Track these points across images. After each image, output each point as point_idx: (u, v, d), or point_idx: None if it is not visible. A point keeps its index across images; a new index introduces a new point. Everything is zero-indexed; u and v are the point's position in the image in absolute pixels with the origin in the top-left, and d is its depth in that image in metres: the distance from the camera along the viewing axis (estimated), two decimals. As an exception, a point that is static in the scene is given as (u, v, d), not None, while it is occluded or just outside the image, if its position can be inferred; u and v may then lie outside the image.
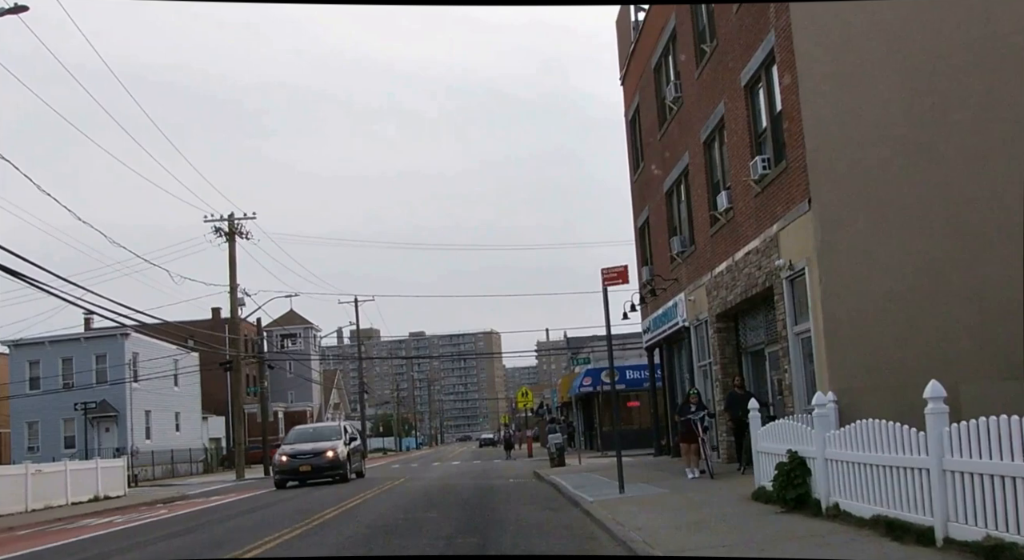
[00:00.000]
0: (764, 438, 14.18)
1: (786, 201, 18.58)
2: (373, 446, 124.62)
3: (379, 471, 41.03)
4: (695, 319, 26.70)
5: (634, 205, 35.52)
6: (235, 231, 53.15)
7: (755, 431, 14.58)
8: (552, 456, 33.56)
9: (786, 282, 18.80)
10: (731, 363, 24.15)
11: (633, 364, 53.09)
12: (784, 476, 12.24)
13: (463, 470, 39.44)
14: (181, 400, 67.58)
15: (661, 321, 31.49)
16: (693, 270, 26.67)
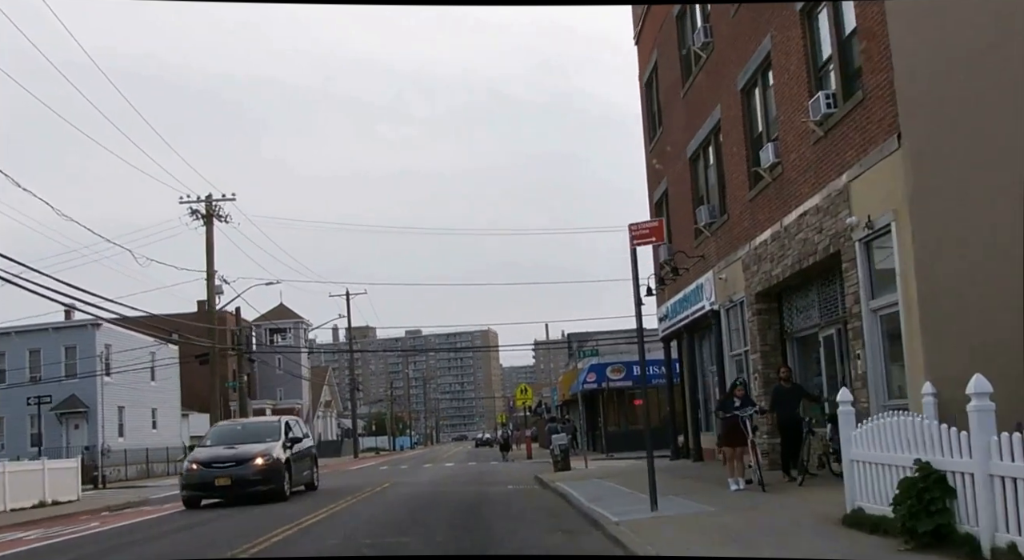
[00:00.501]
0: (862, 442, 10.33)
1: (861, 142, 14.74)
2: (366, 445, 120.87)
3: (359, 476, 37.04)
4: (727, 301, 22.86)
5: (649, 178, 31.68)
6: (213, 213, 49.26)
7: (847, 432, 10.71)
8: (556, 459, 29.75)
9: (860, 245, 14.96)
10: (773, 351, 20.32)
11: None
12: (914, 498, 8.39)
13: (456, 474, 35.58)
14: (159, 396, 63.66)
15: (682, 306, 27.65)
16: (725, 243, 22.82)
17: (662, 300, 30.52)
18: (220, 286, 50.18)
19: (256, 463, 23.14)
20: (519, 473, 33.28)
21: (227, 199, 49.88)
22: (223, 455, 23.65)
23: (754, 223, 20.36)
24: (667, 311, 29.72)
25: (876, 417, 10.54)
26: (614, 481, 21.56)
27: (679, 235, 27.30)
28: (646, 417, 16.47)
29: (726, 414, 16.43)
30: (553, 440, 30.35)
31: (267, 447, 23.73)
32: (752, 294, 20.59)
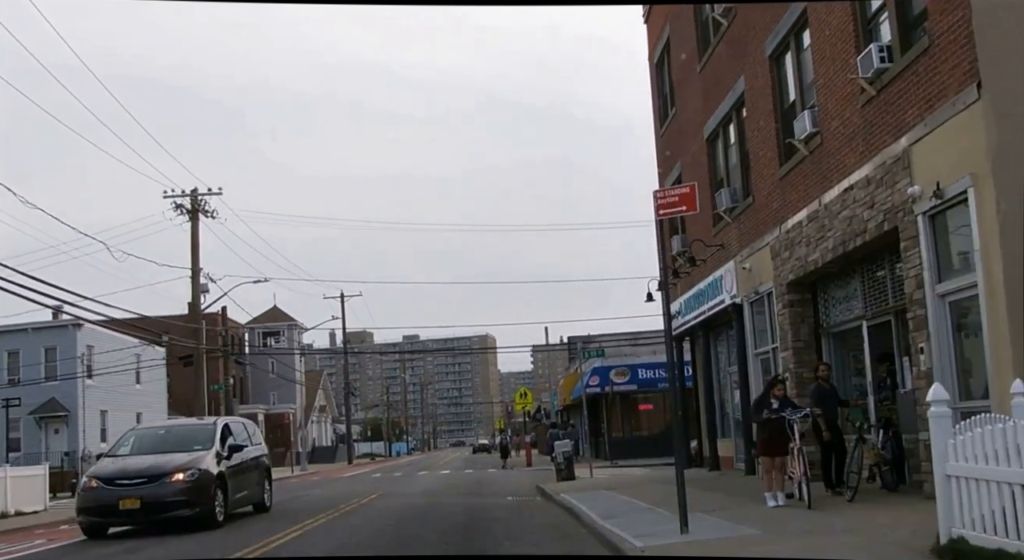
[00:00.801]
0: (966, 453, 8.07)
1: (925, 98, 12.51)
2: (361, 451, 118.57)
3: (347, 485, 34.74)
4: (751, 293, 20.60)
5: (660, 164, 29.43)
6: (198, 208, 47.00)
7: (942, 440, 8.42)
8: (559, 467, 27.47)
9: (924, 219, 12.71)
10: (807, 348, 18.05)
11: (646, 361, 46.99)
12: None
13: (452, 482, 33.29)
14: (144, 399, 61.31)
15: (696, 302, 25.40)
16: (749, 229, 20.58)
17: (674, 296, 28.25)
18: (206, 284, 47.96)
19: (175, 479, 17.41)
20: (519, 482, 31.01)
21: (213, 194, 47.67)
22: (132, 468, 17.99)
23: (785, 204, 18.12)
24: (680, 307, 27.46)
25: (977, 421, 8.28)
26: (626, 493, 19.29)
27: (695, 223, 25.04)
28: (677, 420, 13.98)
29: (772, 414, 14.00)
30: (556, 447, 28.09)
31: (192, 458, 17.97)
32: (783, 284, 18.33)
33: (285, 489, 33.08)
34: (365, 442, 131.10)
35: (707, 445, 27.55)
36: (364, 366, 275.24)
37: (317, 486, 34.82)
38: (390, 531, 14.83)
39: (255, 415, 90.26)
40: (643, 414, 48.12)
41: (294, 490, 31.91)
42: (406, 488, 29.79)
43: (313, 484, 37.97)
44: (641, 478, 26.39)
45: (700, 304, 24.97)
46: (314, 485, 36.48)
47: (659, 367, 46.53)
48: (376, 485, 32.63)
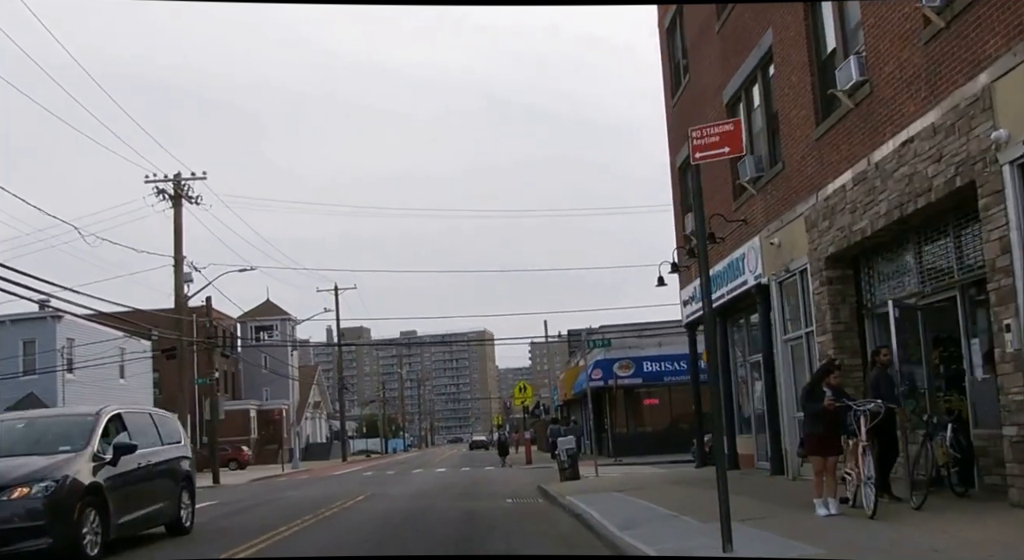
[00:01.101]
0: None
1: (1012, 23, 10.31)
2: (357, 448, 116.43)
3: (333, 485, 32.53)
4: (781, 271, 18.39)
5: (671, 139, 27.24)
6: (181, 193, 44.81)
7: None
8: (562, 466, 25.29)
9: (1011, 170, 10.52)
10: (848, 332, 15.87)
11: (652, 354, 44.81)
12: None
13: (447, 481, 31.08)
14: (129, 395, 58.93)
15: (713, 285, 23.15)
16: (778, 200, 18.37)
17: (687, 280, 26.08)
18: (189, 274, 45.77)
19: (16, 496, 11.93)
20: (519, 482, 28.85)
21: (197, 178, 45.47)
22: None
23: (824, 167, 15.92)
24: (694, 293, 25.26)
25: None
26: (641, 496, 17.09)
27: (713, 198, 22.82)
28: (717, 416, 11.76)
29: (836, 403, 11.61)
30: (559, 444, 25.90)
31: (49, 464, 12.56)
32: (820, 259, 16.13)
33: (262, 491, 30.90)
34: (362, 439, 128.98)
35: (726, 443, 25.37)
36: (361, 362, 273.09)
37: (300, 486, 32.63)
38: (368, 548, 12.56)
39: (247, 411, 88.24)
40: (648, 409, 46.00)
41: (272, 492, 29.71)
42: (397, 488, 27.59)
43: (297, 484, 35.80)
44: (653, 478, 24.22)
45: (717, 287, 22.74)
46: (298, 485, 34.30)
47: (665, 360, 44.40)
48: (365, 485, 30.43)
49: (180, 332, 43.74)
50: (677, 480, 21.10)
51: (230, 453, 72.49)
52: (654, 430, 45.73)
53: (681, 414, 45.80)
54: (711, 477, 21.11)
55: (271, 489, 32.15)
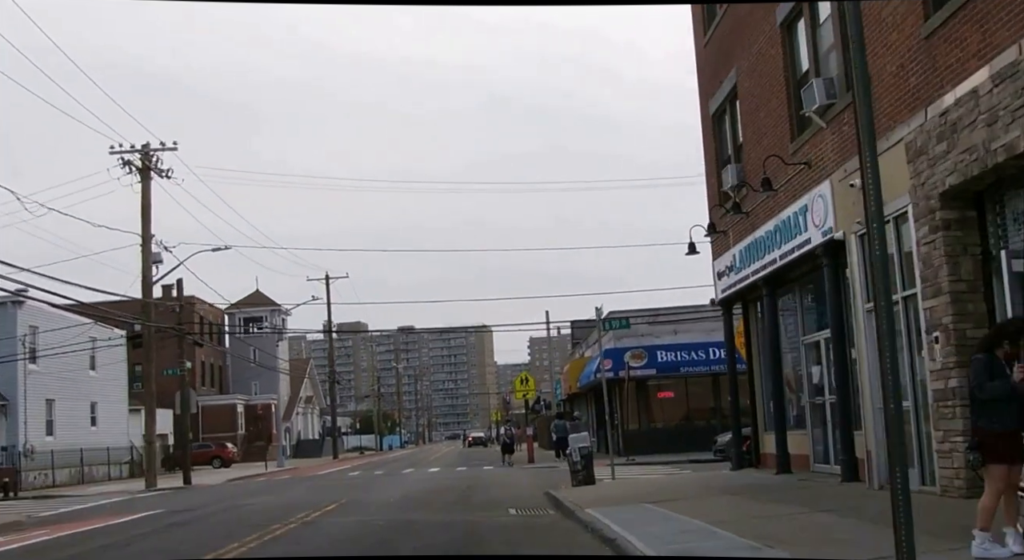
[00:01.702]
0: None
1: None
2: (351, 444, 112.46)
3: (307, 490, 28.44)
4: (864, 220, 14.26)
5: (702, 83, 23.17)
6: (150, 165, 40.72)
7: None
8: (575, 468, 21.20)
9: None
10: (972, 293, 11.78)
11: (666, 343, 40.76)
12: None
13: (439, 484, 27.00)
14: (100, 387, 54.98)
15: (759, 250, 19.10)
16: (860, 129, 14.26)
17: (721, 248, 22.01)
18: (159, 253, 41.69)
19: None
20: (522, 485, 24.81)
21: (167, 148, 41.38)
22: None
23: (937, 73, 11.84)
24: (732, 262, 21.20)
25: None
26: (685, 510, 13.03)
27: (763, 140, 18.76)
28: (890, 413, 7.57)
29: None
30: (571, 442, 21.81)
31: None
32: (931, 196, 12.05)
33: (225, 497, 26.87)
34: (356, 435, 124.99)
35: (763, 440, 21.36)
36: (358, 358, 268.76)
37: (271, 490, 28.57)
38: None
39: (234, 406, 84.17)
40: (662, 403, 41.94)
41: (235, 498, 25.61)
42: (380, 494, 23.50)
43: (272, 486, 31.76)
44: (685, 483, 20.19)
45: (767, 251, 18.69)
46: (271, 488, 30.27)
47: (681, 349, 40.38)
48: (345, 489, 26.37)
49: (147, 317, 39.67)
50: (721, 488, 17.05)
51: (213, 450, 68.47)
52: (667, 426, 41.71)
53: (697, 408, 41.81)
54: (763, 484, 17.07)
55: (237, 494, 28.13)
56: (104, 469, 51.91)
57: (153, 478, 39.14)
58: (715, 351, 40.17)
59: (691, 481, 20.42)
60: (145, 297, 39.78)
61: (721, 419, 41.43)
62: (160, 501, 27.45)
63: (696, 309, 42.21)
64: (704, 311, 42.06)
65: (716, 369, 40.18)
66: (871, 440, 14.28)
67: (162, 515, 20.32)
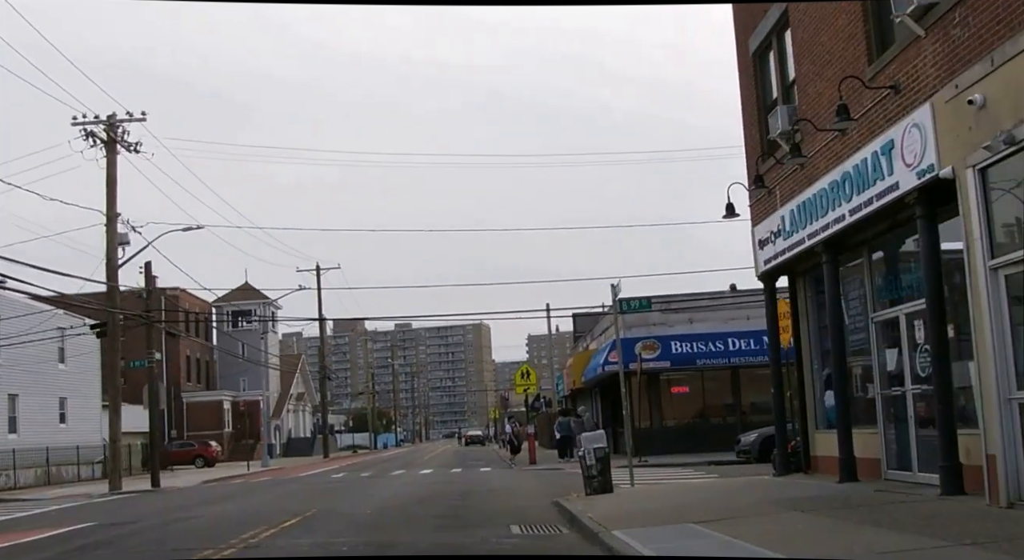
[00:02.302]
0: None
1: None
2: (345, 443, 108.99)
3: (279, 494, 24.95)
4: (988, 148, 10.64)
5: (739, 19, 19.61)
6: (116, 137, 37.18)
7: None
8: (589, 473, 17.64)
9: None
10: None
11: (681, 333, 37.25)
12: None
13: (430, 490, 23.45)
14: (70, 381, 51.35)
15: (823, 204, 15.51)
16: (981, 30, 10.69)
17: (765, 211, 18.44)
18: (126, 234, 38.15)
19: None
20: (526, 491, 21.31)
21: (134, 119, 37.79)
22: None
23: None
24: (779, 226, 17.64)
25: None
26: (754, 537, 9.51)
27: (820, 77, 15.20)
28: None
29: None
30: (583, 442, 18.22)
31: None
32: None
33: (187, 503, 23.36)
34: (351, 433, 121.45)
35: (815, 441, 17.85)
36: (355, 356, 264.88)
37: (241, 495, 25.03)
38: None
39: (220, 402, 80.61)
40: (675, 399, 38.38)
41: (194, 506, 22.05)
42: (358, 502, 19.92)
43: (246, 490, 28.26)
44: (725, 492, 16.65)
45: (827, 209, 15.15)
46: (243, 492, 26.76)
47: (698, 339, 36.83)
48: (320, 495, 22.83)
49: (112, 303, 36.09)
50: (780, 501, 13.51)
51: (196, 449, 65.00)
52: (680, 424, 38.16)
53: (715, 405, 38.29)
54: (831, 495, 13.44)
55: (199, 500, 24.60)
56: (73, 469, 48.32)
57: (118, 480, 35.64)
58: (734, 342, 36.67)
59: (732, 490, 16.88)
60: (110, 280, 36.22)
61: (740, 416, 38.10)
62: (111, 508, 24.00)
63: (713, 296, 38.67)
64: (723, 298, 38.57)
65: (736, 362, 36.67)
66: (993, 442, 10.74)
67: (91, 529, 16.78)
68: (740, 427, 36.80)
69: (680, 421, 38.22)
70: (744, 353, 36.47)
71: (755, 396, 38.55)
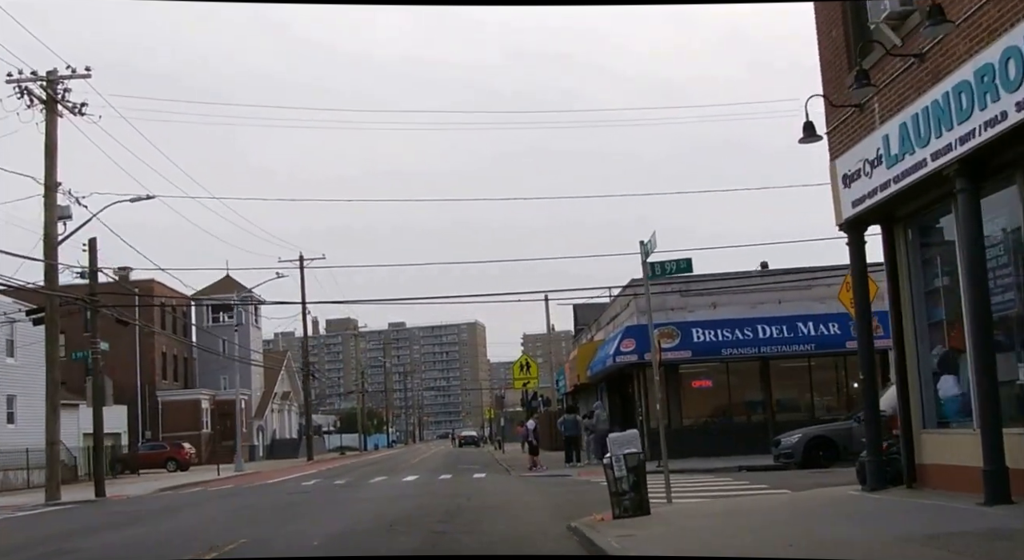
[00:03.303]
0: None
1: None
2: (334, 444, 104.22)
3: (226, 508, 20.18)
4: None
5: None
6: (56, 96, 32.43)
7: None
8: (619, 489, 12.93)
9: None
10: None
11: (704, 319, 32.54)
12: None
13: (408, 506, 18.61)
14: (21, 378, 46.46)
15: (967, 103, 10.79)
16: None
17: (854, 136, 13.71)
18: (68, 207, 33.37)
19: None
20: (530, 506, 16.60)
21: (77, 76, 32.98)
22: None
23: None
24: (879, 152, 12.88)
25: None
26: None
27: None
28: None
29: None
30: (610, 445, 13.45)
31: None
32: None
33: (101, 521, 18.56)
34: (340, 434, 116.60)
35: (921, 444, 13.14)
36: (349, 354, 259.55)
37: (163, 514, 20.09)
38: None
39: (197, 401, 75.74)
40: (697, 395, 33.55)
41: (83, 531, 17.12)
42: (304, 529, 15.02)
43: (182, 503, 23.53)
44: (812, 515, 11.91)
45: (973, 108, 10.44)
46: (174, 507, 22.03)
47: (723, 326, 32.08)
48: (268, 513, 18.05)
49: (51, 284, 31.30)
50: (907, 538, 8.80)
51: (168, 451, 60.15)
52: (701, 422, 33.40)
53: (741, 402, 33.61)
54: (993, 529, 8.68)
55: (125, 517, 19.88)
56: (22, 474, 43.55)
57: (55, 489, 30.83)
58: (764, 329, 31.96)
59: (819, 512, 12.14)
60: (48, 258, 31.43)
61: (771, 414, 33.37)
62: (17, 527, 19.27)
63: (740, 276, 33.94)
64: (750, 278, 33.85)
65: (766, 352, 31.97)
66: None
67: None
68: (771, 427, 32.17)
69: (700, 419, 33.47)
70: (775, 342, 31.81)
71: (785, 392, 33.90)
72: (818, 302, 32.67)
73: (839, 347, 31.78)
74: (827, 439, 24.92)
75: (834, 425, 25.83)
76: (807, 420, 30.72)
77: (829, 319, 32.07)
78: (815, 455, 24.78)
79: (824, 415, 32.09)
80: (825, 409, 33.15)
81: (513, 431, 76.57)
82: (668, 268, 16.13)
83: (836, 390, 33.92)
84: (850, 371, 33.73)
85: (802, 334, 31.73)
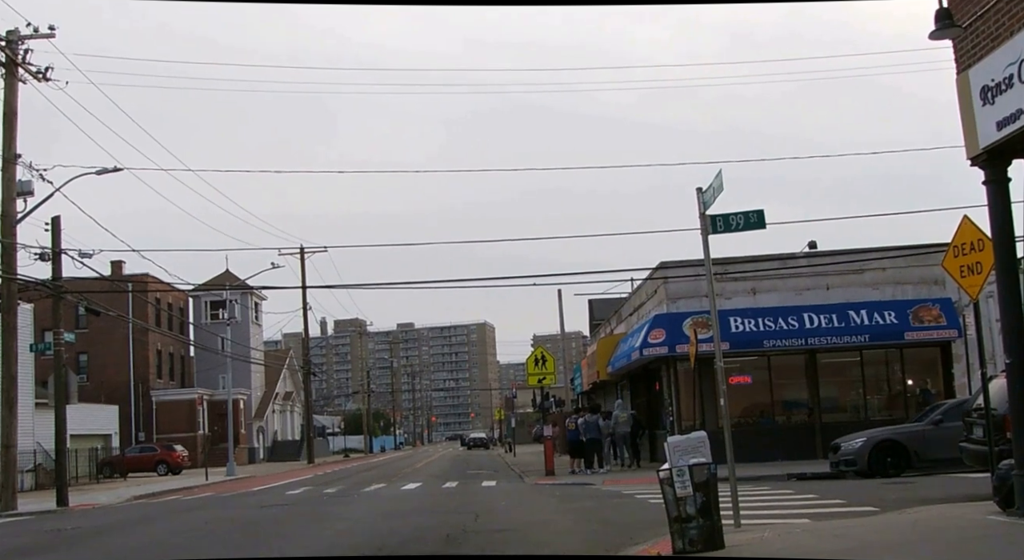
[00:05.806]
0: None
1: None
2: (337, 446, 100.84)
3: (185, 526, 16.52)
4: None
5: None
6: (15, 58, 28.98)
7: None
8: (681, 514, 9.37)
9: None
10: None
11: (742, 307, 28.93)
12: None
13: (399, 526, 14.96)
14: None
15: None
16: None
17: (995, 35, 10.08)
18: (30, 182, 29.90)
19: None
20: (553, 529, 12.98)
21: (40, 35, 29.45)
22: None
23: None
24: (1015, 71, 9.22)
25: None
26: None
27: None
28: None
29: None
30: (670, 451, 9.87)
31: None
32: None
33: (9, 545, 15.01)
34: (345, 435, 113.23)
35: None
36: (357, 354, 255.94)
37: (83, 538, 16.49)
38: None
39: (192, 401, 72.26)
40: (734, 392, 29.62)
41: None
42: (264, 550, 11.48)
43: (138, 517, 19.96)
44: (956, 554, 8.25)
45: None
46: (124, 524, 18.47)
47: (764, 315, 28.37)
48: (227, 535, 14.50)
49: (7, 268, 27.80)
50: None
51: (158, 454, 56.66)
52: (737, 424, 29.58)
53: (783, 401, 29.95)
54: None
55: (56, 535, 16.29)
56: (-7, 479, 39.89)
57: (11, 498, 27.28)
58: (812, 318, 28.27)
59: (967, 551, 8.46)
60: (5, 237, 27.94)
61: (819, 415, 29.56)
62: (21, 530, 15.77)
63: (783, 258, 30.21)
64: (795, 261, 30.16)
65: (814, 344, 28.23)
66: None
67: None
68: (818, 429, 28.52)
69: (739, 420, 29.68)
70: (824, 333, 28.14)
71: (833, 390, 30.25)
72: (871, 288, 29.08)
73: (896, 339, 28.15)
74: (897, 444, 21.26)
75: (904, 428, 22.15)
76: (858, 421, 27.11)
77: (884, 307, 28.45)
78: (882, 462, 21.18)
79: (877, 416, 28.48)
80: (878, 409, 29.51)
81: (525, 433, 72.85)
82: (734, 222, 12.45)
83: (889, 388, 30.19)
84: (907, 366, 29.99)
85: (854, 324, 28.03)
